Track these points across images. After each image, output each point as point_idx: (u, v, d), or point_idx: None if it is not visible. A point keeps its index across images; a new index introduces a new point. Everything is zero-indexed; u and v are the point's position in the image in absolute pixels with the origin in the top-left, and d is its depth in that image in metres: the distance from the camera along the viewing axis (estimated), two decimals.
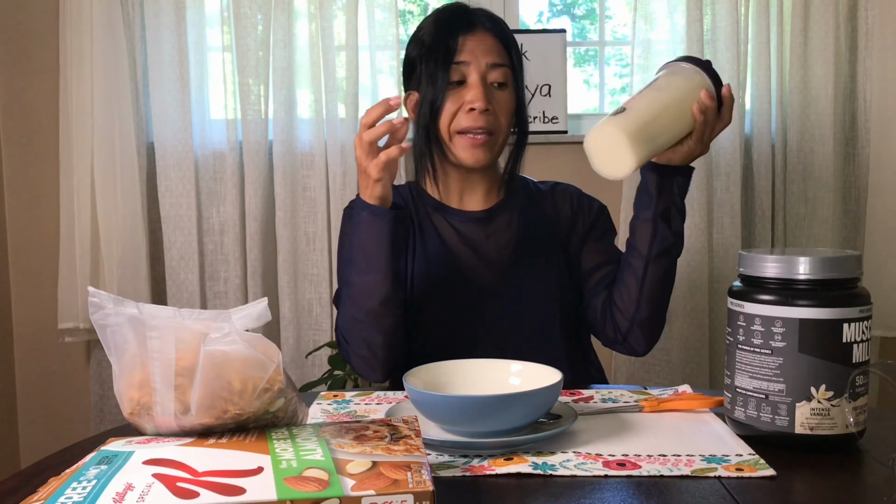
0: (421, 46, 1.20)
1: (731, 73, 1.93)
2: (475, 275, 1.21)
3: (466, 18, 1.19)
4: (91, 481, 0.59)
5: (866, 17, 1.96)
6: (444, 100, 1.17)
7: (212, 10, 2.00)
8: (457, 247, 1.22)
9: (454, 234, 1.23)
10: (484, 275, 1.21)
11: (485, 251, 1.22)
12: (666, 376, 1.99)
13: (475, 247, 1.22)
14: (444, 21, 1.20)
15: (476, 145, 1.17)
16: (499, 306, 1.19)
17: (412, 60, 1.22)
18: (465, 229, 1.23)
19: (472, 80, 1.16)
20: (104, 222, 1.95)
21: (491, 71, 1.17)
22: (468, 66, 1.16)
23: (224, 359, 0.69)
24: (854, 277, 0.80)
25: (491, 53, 1.18)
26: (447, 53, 1.16)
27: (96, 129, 1.93)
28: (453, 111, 1.17)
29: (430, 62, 1.17)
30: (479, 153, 1.18)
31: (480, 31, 1.19)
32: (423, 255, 1.22)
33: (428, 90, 1.17)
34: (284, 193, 1.97)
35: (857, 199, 2.02)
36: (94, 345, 2.04)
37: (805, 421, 0.78)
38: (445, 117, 1.18)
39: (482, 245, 1.23)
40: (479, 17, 1.20)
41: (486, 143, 1.17)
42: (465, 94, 1.16)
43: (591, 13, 2.23)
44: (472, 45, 1.17)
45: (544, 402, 0.83)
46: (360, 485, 0.57)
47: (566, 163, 2.01)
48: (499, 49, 1.19)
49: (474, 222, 1.24)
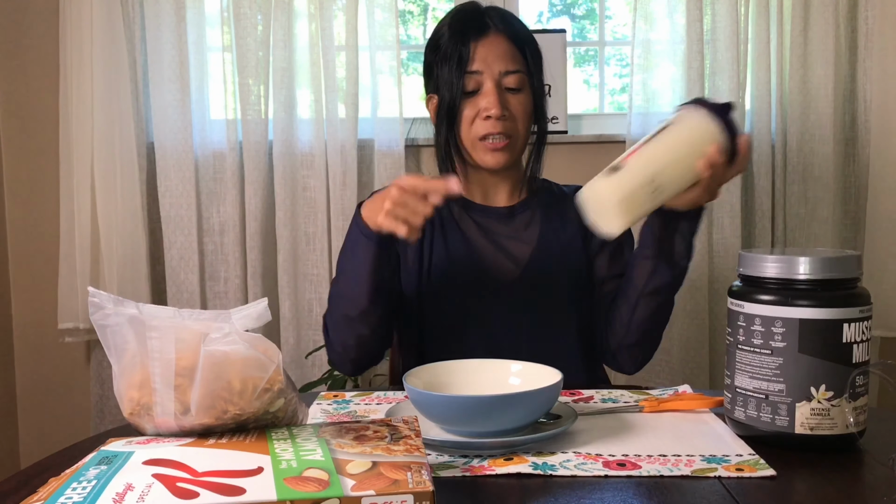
0: (437, 52, 1.21)
1: (731, 73, 1.93)
2: (495, 268, 1.22)
3: (478, 22, 1.20)
4: (91, 481, 0.59)
5: (866, 17, 1.96)
6: (461, 108, 1.18)
7: (212, 10, 2.00)
8: (478, 240, 1.24)
9: (476, 227, 1.25)
10: (504, 268, 1.22)
11: (506, 245, 1.24)
12: (666, 376, 1.99)
13: (497, 241, 1.24)
14: (457, 26, 1.20)
15: (496, 150, 1.19)
16: (517, 301, 1.21)
17: (430, 64, 1.23)
18: (487, 224, 1.25)
19: (487, 87, 1.17)
20: (104, 222, 1.95)
21: (505, 77, 1.18)
22: (482, 75, 1.18)
23: (224, 359, 0.69)
24: (854, 277, 0.80)
25: (504, 59, 1.18)
26: (460, 62, 1.17)
27: (96, 129, 1.93)
28: (471, 118, 1.19)
29: (444, 70, 1.19)
30: (498, 157, 1.19)
31: (493, 34, 1.19)
32: (443, 247, 1.23)
33: (445, 97, 1.19)
34: (284, 193, 1.97)
35: (857, 199, 2.02)
36: (94, 345, 2.04)
37: (805, 421, 0.78)
38: (464, 125, 1.19)
39: (504, 239, 1.24)
40: (491, 18, 1.21)
41: (506, 148, 1.19)
42: (481, 102, 1.18)
43: (591, 13, 2.23)
44: (484, 52, 1.18)
45: (544, 403, 0.83)
46: (360, 485, 0.57)
47: (566, 163, 2.01)
48: (512, 53, 1.19)
49: (497, 218, 1.26)
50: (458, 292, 1.21)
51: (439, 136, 1.22)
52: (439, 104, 1.20)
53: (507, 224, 1.25)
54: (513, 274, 1.22)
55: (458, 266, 1.22)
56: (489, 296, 1.21)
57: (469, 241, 1.24)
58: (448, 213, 1.26)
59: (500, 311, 1.21)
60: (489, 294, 1.21)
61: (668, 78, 1.98)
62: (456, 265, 1.22)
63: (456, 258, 1.22)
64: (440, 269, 1.22)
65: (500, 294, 1.21)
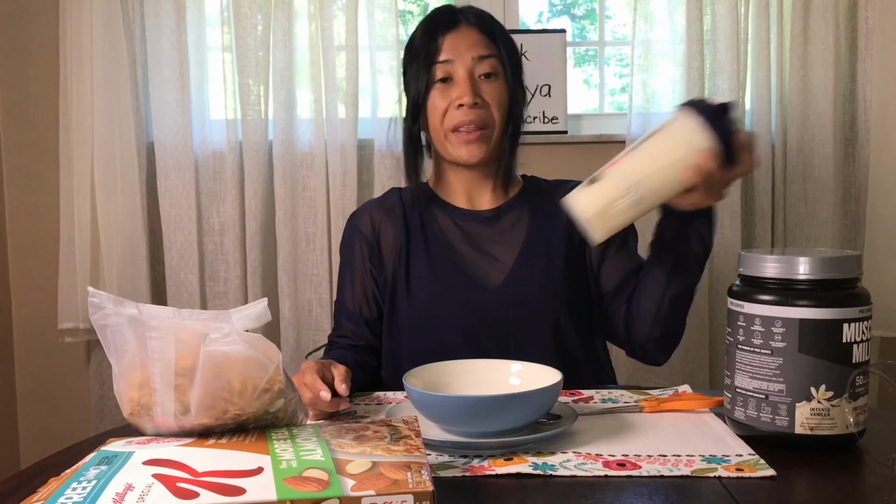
0: (409, 51, 1.21)
1: (731, 73, 1.93)
2: (480, 275, 1.20)
3: (449, 17, 1.20)
4: (91, 482, 0.59)
5: (866, 17, 1.96)
6: (427, 97, 1.17)
7: (212, 10, 2.00)
8: (461, 247, 1.22)
9: (459, 233, 1.23)
10: (490, 274, 1.20)
11: (491, 251, 1.22)
12: (666, 376, 1.99)
13: (481, 246, 1.22)
14: (428, 23, 1.21)
15: (470, 141, 1.17)
16: (504, 306, 1.18)
17: (404, 66, 1.24)
18: (471, 229, 1.23)
19: (459, 75, 1.16)
20: (104, 222, 1.95)
21: (478, 64, 1.17)
22: (452, 64, 1.17)
23: (224, 359, 0.69)
24: (854, 277, 0.80)
25: (476, 47, 1.17)
26: (428, 54, 1.17)
27: (96, 129, 1.92)
28: (443, 109, 1.17)
29: (412, 65, 1.19)
30: (473, 149, 1.17)
31: (464, 27, 1.19)
32: (425, 256, 1.21)
33: (413, 92, 1.19)
34: (284, 193, 1.97)
35: (857, 199, 2.02)
36: (94, 345, 2.04)
37: (805, 421, 0.78)
38: (436, 117, 1.18)
39: (489, 244, 1.22)
40: (463, 14, 1.21)
41: (481, 138, 1.17)
42: (452, 92, 1.16)
43: (591, 13, 2.23)
44: (454, 42, 1.17)
45: (544, 403, 0.83)
46: (360, 485, 0.57)
47: (566, 163, 2.01)
48: (485, 42, 1.18)
49: (482, 222, 1.24)
50: (444, 302, 1.18)
51: (404, 133, 1.21)
52: (408, 101, 1.19)
53: (492, 227, 1.23)
54: (497, 279, 1.19)
55: (441, 276, 1.20)
56: (474, 303, 1.18)
57: (453, 248, 1.22)
58: (432, 220, 1.24)
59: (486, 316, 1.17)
60: (474, 301, 1.18)
61: (668, 78, 1.98)
62: (439, 275, 1.20)
63: (439, 267, 1.20)
64: (425, 279, 1.20)
65: (485, 301, 1.18)
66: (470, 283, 1.19)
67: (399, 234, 1.24)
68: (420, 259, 1.22)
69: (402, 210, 1.26)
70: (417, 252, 1.22)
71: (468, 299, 1.18)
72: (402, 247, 1.23)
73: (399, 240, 1.23)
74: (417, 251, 1.22)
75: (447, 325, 1.18)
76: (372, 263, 1.25)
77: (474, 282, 1.19)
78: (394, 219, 1.25)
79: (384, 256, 1.24)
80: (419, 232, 1.24)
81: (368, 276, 1.25)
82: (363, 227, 1.26)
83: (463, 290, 1.19)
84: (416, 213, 1.25)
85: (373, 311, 1.25)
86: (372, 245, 1.25)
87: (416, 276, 1.21)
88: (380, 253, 1.24)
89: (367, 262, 1.25)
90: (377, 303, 1.25)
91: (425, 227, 1.24)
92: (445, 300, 1.19)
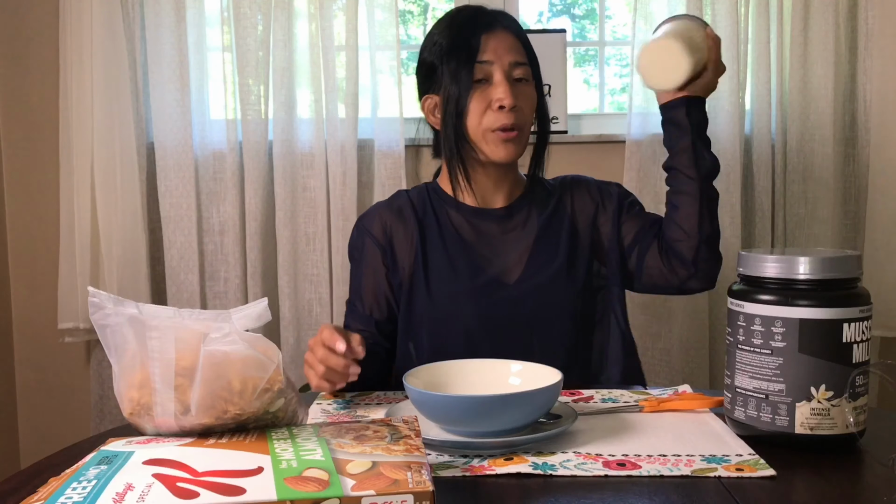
0: (440, 48, 1.21)
1: (731, 73, 1.93)
2: (498, 270, 1.22)
3: (486, 18, 1.22)
4: (91, 481, 0.59)
5: (866, 17, 1.96)
6: (470, 98, 1.18)
7: (212, 11, 2.00)
8: (478, 244, 1.24)
9: (473, 231, 1.25)
10: (503, 270, 1.22)
11: (503, 247, 1.24)
12: (666, 376, 1.98)
13: (494, 243, 1.25)
14: (462, 21, 1.22)
15: (508, 140, 1.19)
16: (524, 298, 1.21)
17: (430, 64, 1.23)
18: (483, 227, 1.25)
19: (498, 77, 1.18)
20: (104, 222, 1.95)
21: (514, 69, 1.20)
22: (492, 66, 1.18)
23: (224, 359, 0.69)
24: (854, 277, 0.80)
25: (513, 52, 1.20)
26: (470, 52, 1.18)
27: (96, 129, 1.92)
28: (481, 110, 1.19)
29: (451, 62, 1.19)
30: (510, 149, 1.20)
31: (500, 29, 1.21)
32: (444, 254, 1.23)
33: (452, 90, 1.19)
34: (284, 193, 1.97)
35: (857, 200, 2.02)
36: (94, 345, 2.04)
37: (805, 421, 0.78)
38: (474, 117, 1.19)
39: (500, 241, 1.25)
40: (497, 16, 1.23)
41: (516, 139, 1.20)
42: (492, 93, 1.18)
43: (591, 13, 2.23)
44: (494, 43, 1.19)
45: (544, 402, 0.83)
46: (360, 485, 0.57)
47: (566, 163, 2.00)
48: (519, 47, 1.22)
49: (493, 220, 1.26)
50: (460, 297, 1.21)
51: (448, 131, 1.21)
52: (446, 99, 1.20)
53: (504, 224, 1.26)
54: (515, 274, 1.22)
55: (457, 272, 1.22)
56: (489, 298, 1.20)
57: (466, 245, 1.24)
58: (446, 217, 1.26)
59: (501, 312, 1.20)
60: (489, 296, 1.21)
61: None
62: (455, 271, 1.22)
63: (454, 263, 1.22)
64: (440, 275, 1.22)
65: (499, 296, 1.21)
66: (489, 279, 1.22)
67: (413, 234, 1.25)
68: (438, 257, 1.23)
69: (414, 210, 1.27)
70: (434, 250, 1.24)
71: (489, 294, 1.21)
72: (417, 246, 1.24)
73: (414, 240, 1.25)
74: (434, 249, 1.24)
75: (469, 320, 1.19)
76: (385, 265, 1.25)
77: (493, 278, 1.22)
78: (405, 220, 1.27)
79: (398, 257, 1.25)
80: (435, 230, 1.25)
81: (381, 278, 1.25)
82: (374, 230, 1.27)
83: (483, 286, 1.21)
84: (429, 213, 1.27)
85: (383, 313, 1.25)
86: (384, 247, 1.26)
87: (436, 274, 1.22)
88: (393, 254, 1.25)
89: (379, 264, 1.25)
90: (388, 304, 1.25)
91: (441, 226, 1.25)
92: (466, 296, 1.21)
